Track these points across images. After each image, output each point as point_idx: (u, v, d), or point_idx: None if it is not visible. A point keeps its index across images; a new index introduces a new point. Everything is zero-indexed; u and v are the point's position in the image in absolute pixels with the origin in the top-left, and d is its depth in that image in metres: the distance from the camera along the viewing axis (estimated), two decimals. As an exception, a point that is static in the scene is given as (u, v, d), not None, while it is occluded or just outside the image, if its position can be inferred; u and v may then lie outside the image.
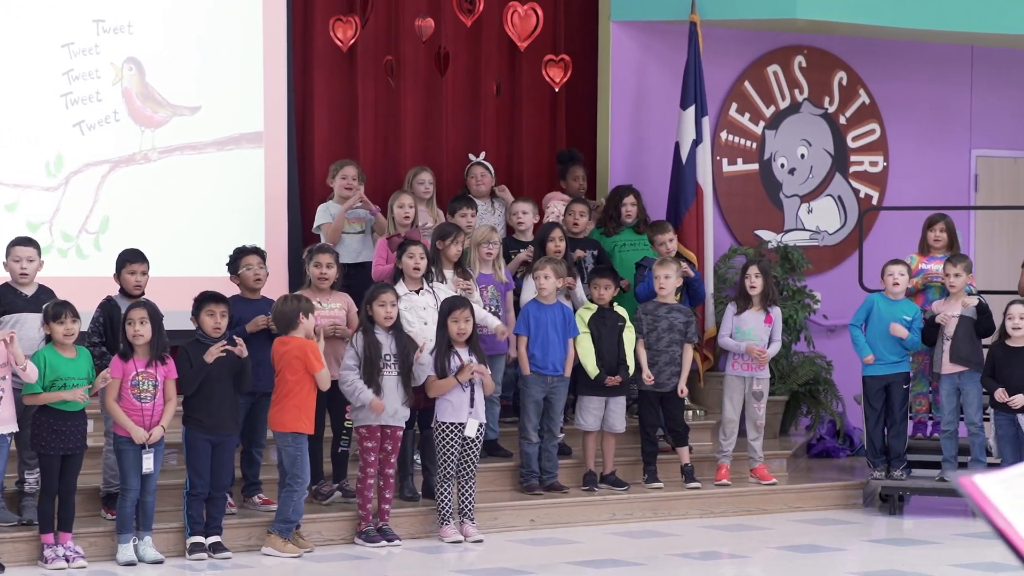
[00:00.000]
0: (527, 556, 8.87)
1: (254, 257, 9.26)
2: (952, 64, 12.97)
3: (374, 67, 11.29)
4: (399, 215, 10.01)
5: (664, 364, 10.21)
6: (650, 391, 10.20)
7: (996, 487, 3.96)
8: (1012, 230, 12.70)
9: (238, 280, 9.23)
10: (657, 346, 10.20)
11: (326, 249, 9.47)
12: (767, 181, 12.45)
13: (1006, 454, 9.85)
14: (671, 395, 10.25)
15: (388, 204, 10.17)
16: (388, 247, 9.85)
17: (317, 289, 9.30)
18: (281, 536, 8.66)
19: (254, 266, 9.21)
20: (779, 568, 8.78)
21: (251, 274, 9.18)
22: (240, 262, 9.22)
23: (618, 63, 11.87)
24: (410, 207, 10.04)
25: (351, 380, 8.85)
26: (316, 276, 9.28)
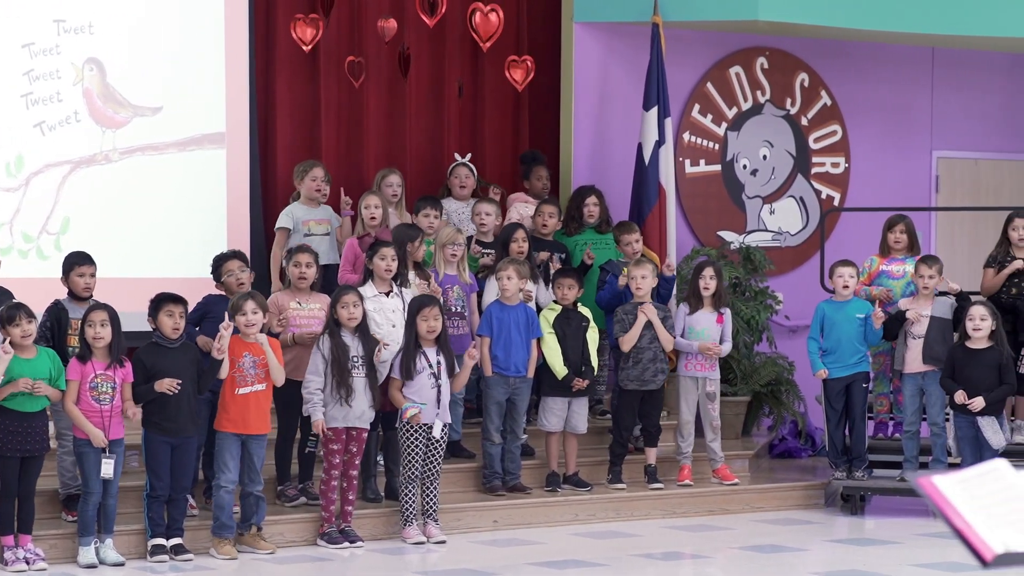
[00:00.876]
0: (490, 557, 8.87)
1: (235, 262, 9.26)
2: (913, 66, 13.04)
3: (337, 68, 11.28)
4: (366, 216, 10.00)
5: (648, 361, 10.22)
6: (632, 391, 10.21)
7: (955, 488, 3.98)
8: (973, 231, 12.78)
9: (222, 287, 9.23)
10: (639, 344, 10.21)
11: (305, 249, 9.45)
12: (729, 182, 12.49)
13: (966, 455, 9.90)
14: (652, 394, 10.26)
15: (359, 206, 10.16)
16: (359, 247, 9.84)
17: (296, 289, 9.29)
18: (215, 536, 8.65)
19: (235, 271, 9.20)
20: (741, 568, 8.81)
21: (234, 280, 9.18)
22: (222, 269, 9.22)
23: (581, 64, 11.89)
24: (376, 208, 10.03)
25: (311, 389, 8.85)
26: (296, 276, 9.28)
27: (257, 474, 8.70)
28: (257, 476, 8.70)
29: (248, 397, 8.64)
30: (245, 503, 8.74)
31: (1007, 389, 9.86)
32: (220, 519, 8.64)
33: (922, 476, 3.98)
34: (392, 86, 11.53)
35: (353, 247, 9.91)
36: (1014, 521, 3.93)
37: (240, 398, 8.61)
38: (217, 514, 8.64)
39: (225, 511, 8.63)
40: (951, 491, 3.95)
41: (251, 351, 8.66)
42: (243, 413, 8.62)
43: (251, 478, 8.69)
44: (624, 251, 10.71)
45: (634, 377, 10.21)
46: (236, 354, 8.61)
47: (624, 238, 10.74)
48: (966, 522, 3.87)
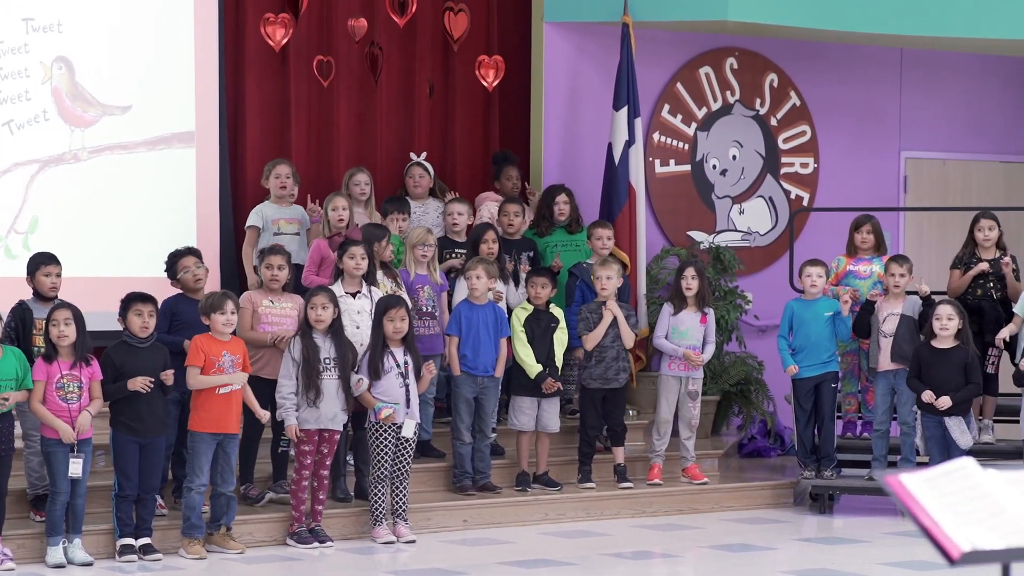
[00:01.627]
0: (460, 556, 8.87)
1: (190, 258, 9.22)
2: (882, 67, 13.09)
3: (307, 67, 11.26)
4: (333, 218, 9.98)
5: (611, 360, 10.24)
6: (595, 389, 10.23)
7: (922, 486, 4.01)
8: (940, 231, 12.83)
9: (178, 284, 9.19)
10: (602, 343, 10.23)
11: (277, 250, 9.43)
12: (699, 182, 12.51)
13: (934, 454, 9.94)
14: (615, 393, 10.28)
15: (324, 206, 10.14)
16: (329, 247, 9.83)
17: (269, 290, 9.28)
18: (185, 536, 8.64)
19: (191, 268, 9.17)
20: (710, 567, 8.83)
21: (190, 276, 9.14)
22: (177, 266, 9.18)
23: (551, 64, 11.90)
24: (344, 209, 10.01)
25: (284, 394, 8.84)
26: (268, 277, 9.28)
27: (231, 474, 8.69)
28: (231, 476, 8.69)
29: (228, 396, 8.63)
30: (216, 503, 8.71)
31: (973, 389, 9.91)
32: (190, 519, 8.62)
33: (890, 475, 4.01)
34: (362, 86, 11.51)
35: (320, 249, 9.89)
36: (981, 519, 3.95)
37: (219, 397, 8.59)
38: (187, 514, 8.62)
39: (195, 511, 8.61)
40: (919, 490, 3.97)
41: (229, 350, 8.64)
42: (222, 412, 8.60)
43: (224, 478, 8.67)
44: (594, 246, 10.72)
45: (597, 376, 10.23)
46: (214, 353, 8.58)
47: (596, 232, 10.75)
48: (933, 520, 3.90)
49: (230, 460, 8.66)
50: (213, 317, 8.62)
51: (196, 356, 8.57)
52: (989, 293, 10.48)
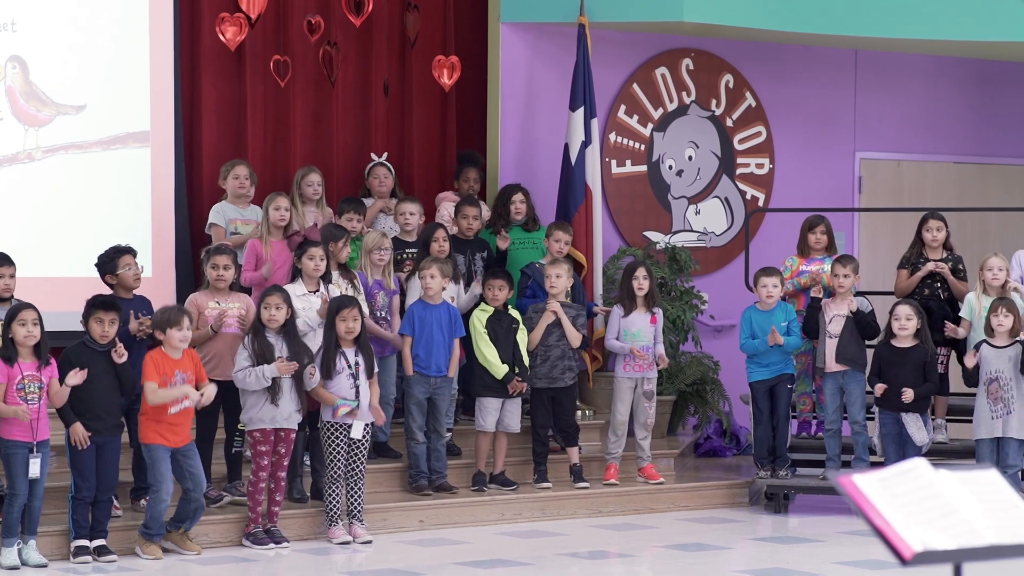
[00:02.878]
0: (416, 557, 8.87)
1: (130, 256, 9.16)
2: (836, 68, 13.16)
3: (263, 66, 11.23)
4: (275, 217, 9.92)
5: (555, 359, 10.26)
6: (543, 389, 10.24)
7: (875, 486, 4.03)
8: (894, 232, 12.90)
9: (115, 279, 9.11)
10: (547, 342, 10.25)
11: (223, 250, 9.40)
12: (655, 183, 12.54)
13: (889, 453, 10.01)
14: (564, 392, 10.30)
15: (264, 205, 10.09)
16: (288, 247, 9.81)
17: (215, 290, 9.24)
18: (143, 538, 8.61)
19: (133, 265, 9.12)
20: (666, 566, 8.86)
21: (131, 273, 9.09)
22: (119, 262, 9.10)
23: (507, 64, 11.90)
24: (286, 209, 9.95)
25: (245, 371, 8.79)
26: (213, 277, 9.24)
27: (200, 478, 8.64)
28: (200, 480, 8.64)
29: (180, 414, 8.58)
30: (184, 507, 8.66)
31: (931, 387, 10.00)
32: (151, 528, 8.57)
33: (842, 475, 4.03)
34: (318, 85, 11.49)
35: (255, 248, 9.86)
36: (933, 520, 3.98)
37: (172, 416, 8.54)
38: (150, 523, 8.57)
39: (158, 522, 8.57)
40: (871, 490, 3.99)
41: (181, 367, 8.59)
42: (174, 429, 8.56)
43: (195, 483, 8.62)
44: (551, 247, 10.73)
45: (543, 375, 10.25)
46: (167, 372, 8.52)
47: (556, 234, 10.75)
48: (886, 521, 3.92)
49: (194, 466, 8.62)
50: (169, 332, 8.54)
51: (153, 373, 8.50)
52: (937, 293, 10.55)
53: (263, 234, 9.91)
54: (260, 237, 9.90)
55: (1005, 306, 9.85)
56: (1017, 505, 4.10)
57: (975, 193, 13.67)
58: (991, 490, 4.11)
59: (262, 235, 9.91)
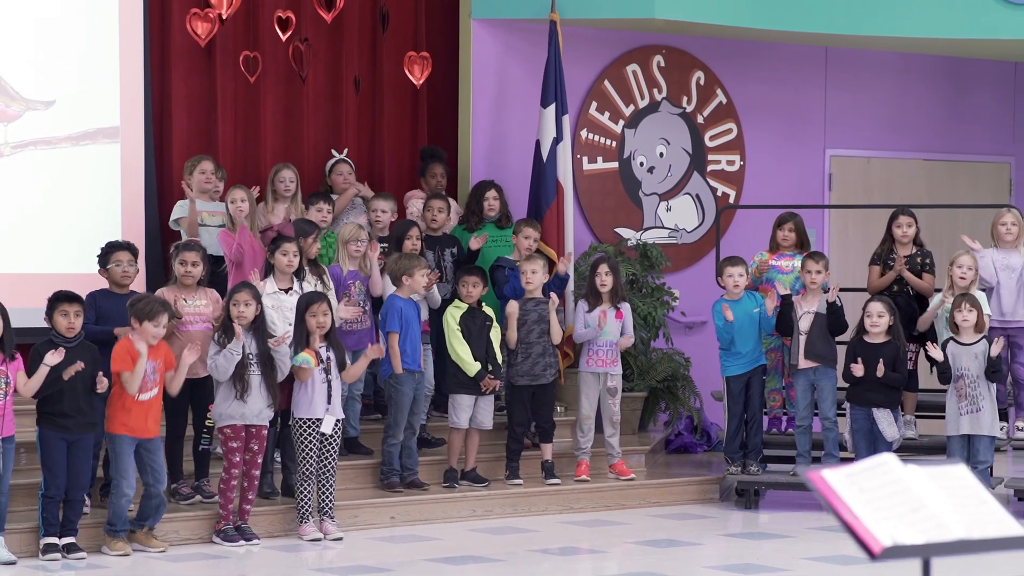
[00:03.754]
0: (387, 554, 8.86)
1: (125, 253, 9.15)
2: (807, 65, 13.19)
3: (233, 62, 11.20)
4: (232, 210, 9.90)
5: (537, 356, 10.26)
6: (524, 385, 10.24)
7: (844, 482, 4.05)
8: (864, 229, 12.94)
9: (106, 274, 9.11)
10: (528, 339, 10.25)
11: (191, 246, 9.38)
12: (626, 179, 12.56)
13: (860, 448, 10.04)
14: (543, 389, 10.31)
15: (225, 199, 10.08)
16: (261, 242, 9.81)
17: (183, 286, 9.22)
18: (108, 535, 8.59)
19: (124, 263, 9.10)
20: (637, 563, 8.86)
21: (119, 270, 9.07)
22: (111, 257, 9.10)
23: (479, 61, 11.90)
24: (243, 201, 9.90)
25: (214, 358, 8.75)
26: (181, 273, 9.21)
27: (163, 475, 8.62)
28: (162, 477, 8.62)
29: (148, 402, 8.55)
30: (146, 504, 8.63)
31: (899, 378, 10.04)
32: (116, 524, 8.55)
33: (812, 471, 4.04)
34: (289, 81, 11.46)
35: (227, 237, 9.84)
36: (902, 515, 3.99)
37: (140, 404, 8.51)
38: (113, 519, 8.55)
39: (122, 518, 8.54)
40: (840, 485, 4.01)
41: (151, 356, 8.56)
42: (142, 418, 8.52)
43: (156, 478, 8.59)
44: (519, 243, 10.74)
45: (524, 372, 10.25)
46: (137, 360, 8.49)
47: (525, 231, 10.75)
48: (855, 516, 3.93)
49: (157, 461, 8.59)
50: (145, 324, 8.50)
51: (125, 363, 8.46)
52: (905, 289, 10.59)
53: (227, 226, 9.90)
54: (224, 226, 9.90)
55: (968, 302, 9.89)
56: (985, 500, 4.12)
57: (944, 190, 13.72)
58: (959, 485, 4.13)
59: (226, 226, 9.90)
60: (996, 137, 13.96)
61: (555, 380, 10.47)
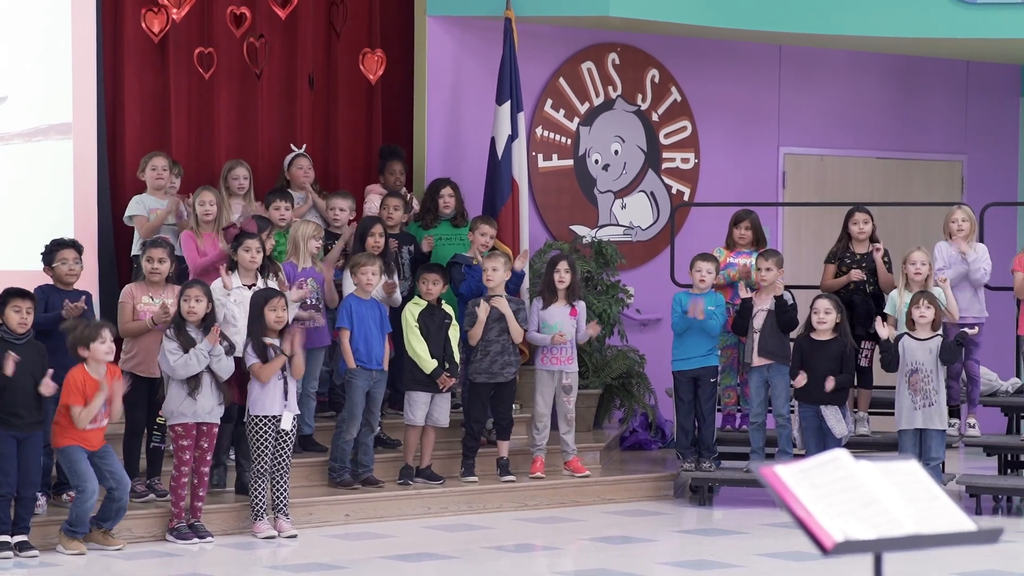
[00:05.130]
0: (341, 551, 8.85)
1: (70, 251, 9.10)
2: (761, 63, 13.24)
3: (187, 58, 11.15)
4: (200, 212, 9.88)
5: (496, 354, 10.26)
6: (483, 383, 10.24)
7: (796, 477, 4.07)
8: (818, 226, 13.00)
9: (51, 272, 9.06)
10: (488, 336, 10.25)
11: (159, 243, 9.36)
12: (582, 177, 12.58)
13: (810, 445, 10.10)
14: (502, 388, 10.31)
15: (191, 200, 10.04)
16: (224, 239, 9.77)
17: (150, 283, 9.18)
18: (66, 535, 8.54)
19: (69, 260, 9.06)
20: (591, 559, 8.88)
21: (65, 268, 9.03)
22: (56, 255, 9.05)
23: (434, 58, 11.89)
24: (211, 204, 9.90)
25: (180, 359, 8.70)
26: (148, 270, 9.19)
27: (123, 479, 8.56)
28: (124, 480, 8.56)
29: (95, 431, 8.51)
30: (107, 507, 8.58)
31: (847, 377, 10.09)
32: (75, 526, 8.49)
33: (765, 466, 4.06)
34: (243, 78, 11.42)
35: (191, 239, 9.81)
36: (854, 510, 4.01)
37: (91, 430, 8.47)
38: (75, 522, 8.49)
39: (83, 521, 8.49)
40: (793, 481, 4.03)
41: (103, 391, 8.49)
42: (88, 437, 8.48)
43: (118, 481, 8.54)
44: (475, 240, 10.74)
45: (483, 370, 10.26)
46: (90, 393, 8.41)
47: (481, 228, 10.75)
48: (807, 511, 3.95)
49: (114, 467, 8.54)
50: (93, 347, 8.41)
51: (76, 396, 8.39)
52: (861, 287, 10.65)
53: (193, 227, 9.86)
54: (192, 229, 9.86)
55: (926, 298, 9.96)
56: (937, 495, 4.15)
57: (897, 188, 13.81)
58: (911, 480, 4.15)
59: (193, 228, 9.86)
60: (948, 135, 14.06)
61: (514, 379, 10.47)
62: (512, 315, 10.25)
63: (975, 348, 10.52)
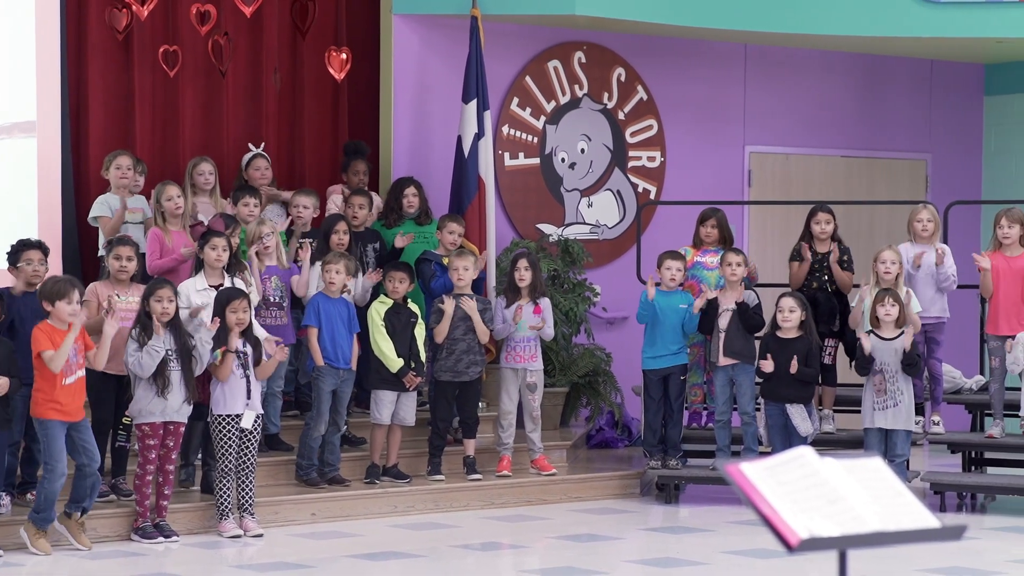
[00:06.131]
0: (308, 550, 8.83)
1: (36, 252, 9.04)
2: (726, 62, 13.28)
3: (151, 56, 11.11)
4: (169, 207, 9.83)
5: (461, 352, 10.25)
6: (448, 381, 10.24)
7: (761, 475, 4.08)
8: (783, 225, 13.05)
9: (16, 272, 9.01)
10: (453, 335, 10.24)
11: (126, 241, 9.31)
12: (548, 175, 12.58)
13: (776, 443, 10.13)
14: (468, 386, 10.30)
15: (153, 196, 10.00)
16: (191, 236, 9.74)
17: (116, 281, 9.14)
18: (35, 525, 8.48)
19: (34, 261, 8.99)
20: (558, 557, 8.89)
21: (30, 269, 8.97)
22: (21, 255, 9.00)
23: (400, 56, 11.88)
24: (178, 197, 9.87)
25: (135, 358, 8.68)
26: (115, 268, 9.14)
27: (94, 452, 8.51)
28: (95, 454, 8.51)
29: (74, 385, 8.47)
30: (80, 484, 8.52)
31: (811, 373, 10.13)
32: (43, 512, 8.44)
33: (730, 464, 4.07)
34: (208, 76, 11.39)
35: (158, 236, 9.78)
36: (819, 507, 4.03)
37: (68, 388, 8.43)
38: (42, 505, 8.43)
39: (51, 504, 8.44)
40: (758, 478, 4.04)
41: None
42: (70, 401, 8.43)
43: (90, 457, 8.48)
44: (444, 239, 10.74)
45: (448, 368, 10.25)
46: (58, 342, 8.39)
47: (449, 226, 10.75)
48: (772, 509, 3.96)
49: (88, 441, 8.48)
50: (58, 305, 8.40)
51: (45, 343, 8.36)
52: (824, 285, 10.69)
53: (159, 223, 9.83)
54: (158, 226, 9.82)
55: (891, 297, 10.00)
56: (901, 492, 4.17)
57: (862, 186, 13.87)
58: (875, 478, 4.17)
59: (159, 224, 9.83)
60: (913, 134, 14.12)
61: (479, 377, 10.47)
62: (479, 317, 10.24)
63: (937, 347, 10.56)
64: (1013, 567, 8.55)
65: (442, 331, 10.21)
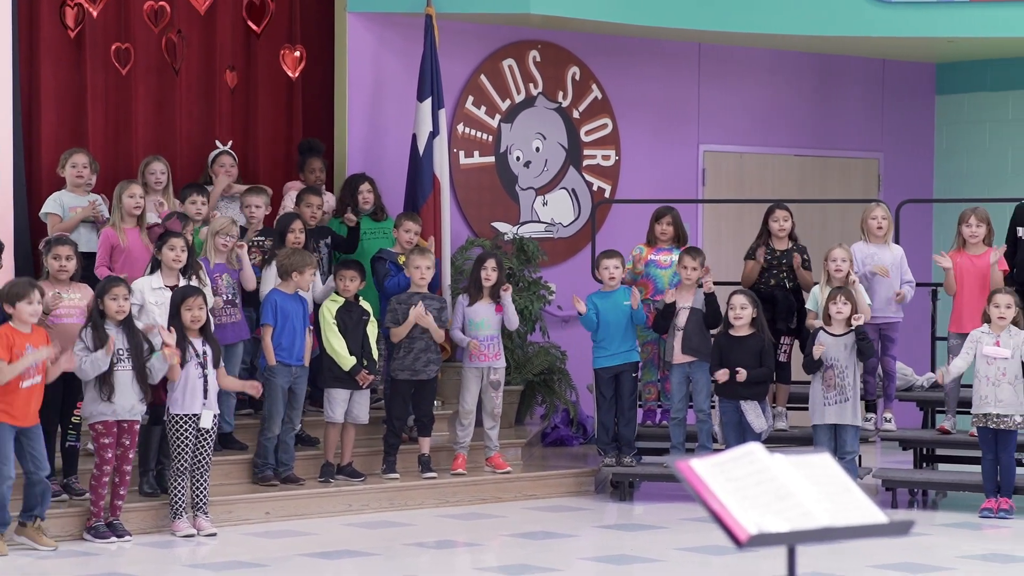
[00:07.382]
0: (262, 549, 8.82)
1: None
2: (681, 61, 13.32)
3: (104, 54, 11.06)
4: (129, 205, 9.78)
5: (419, 351, 10.25)
6: (405, 380, 10.23)
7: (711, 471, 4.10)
8: (737, 223, 13.11)
9: None
10: (411, 333, 10.24)
11: (64, 240, 9.25)
12: (503, 174, 12.60)
13: (731, 440, 10.17)
14: (424, 385, 10.30)
15: (116, 193, 9.95)
16: (148, 237, 9.68)
17: (56, 280, 9.09)
18: None
19: None
20: (513, 555, 8.90)
21: None
22: None
23: (355, 54, 11.86)
24: (140, 196, 9.85)
25: (80, 358, 8.64)
26: (55, 268, 9.07)
27: (44, 460, 8.47)
28: (44, 462, 8.47)
29: (31, 390, 8.42)
30: (30, 492, 8.48)
31: (765, 372, 10.18)
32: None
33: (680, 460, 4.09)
34: (161, 74, 11.34)
35: (109, 238, 9.73)
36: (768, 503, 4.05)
37: (24, 391, 8.37)
38: None
39: (3, 508, 8.40)
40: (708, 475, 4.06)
41: (32, 342, 8.42)
42: (23, 405, 8.38)
43: (37, 465, 8.44)
44: (401, 237, 10.73)
45: (405, 367, 10.25)
46: (18, 346, 8.34)
47: (405, 224, 10.74)
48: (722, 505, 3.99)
49: (37, 448, 8.45)
50: (18, 306, 8.36)
51: (2, 350, 8.31)
52: (782, 283, 10.75)
53: (116, 222, 9.77)
54: (113, 225, 9.77)
55: (844, 295, 10.05)
56: (849, 488, 4.20)
57: (815, 185, 13.94)
58: (824, 474, 4.20)
59: (115, 223, 9.77)
60: (865, 133, 14.21)
61: (436, 375, 10.47)
62: (435, 325, 10.24)
63: (892, 344, 10.63)
64: (963, 563, 8.62)
65: (401, 333, 10.21)
